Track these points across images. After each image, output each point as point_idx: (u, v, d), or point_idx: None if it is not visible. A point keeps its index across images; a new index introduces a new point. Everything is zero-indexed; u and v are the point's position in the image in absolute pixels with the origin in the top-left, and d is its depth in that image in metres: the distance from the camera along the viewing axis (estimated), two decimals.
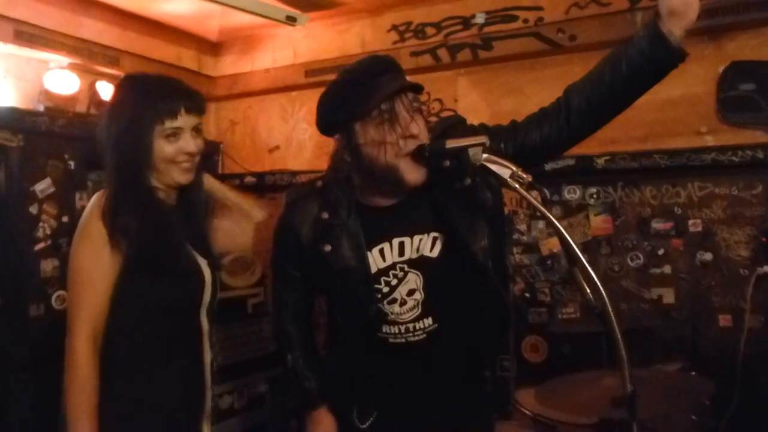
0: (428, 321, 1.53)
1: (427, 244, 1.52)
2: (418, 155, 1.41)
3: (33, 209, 3.03)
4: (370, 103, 1.41)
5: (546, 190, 3.17)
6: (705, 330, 2.94)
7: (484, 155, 1.26)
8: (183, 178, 1.62)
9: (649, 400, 1.88)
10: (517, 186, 1.20)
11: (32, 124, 3.02)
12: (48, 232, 3.08)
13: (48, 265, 3.07)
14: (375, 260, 1.52)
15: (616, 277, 3.15)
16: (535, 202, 1.15)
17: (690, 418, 2.08)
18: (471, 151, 1.26)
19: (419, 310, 1.53)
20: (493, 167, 1.23)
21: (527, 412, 2.48)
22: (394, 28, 3.58)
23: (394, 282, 1.52)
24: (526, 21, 3.26)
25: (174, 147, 1.59)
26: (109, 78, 3.45)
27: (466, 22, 3.41)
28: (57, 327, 2.99)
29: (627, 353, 1.31)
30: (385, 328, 1.54)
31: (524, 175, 1.20)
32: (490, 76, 3.44)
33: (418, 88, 1.49)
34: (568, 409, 2.09)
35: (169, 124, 1.57)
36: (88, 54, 3.30)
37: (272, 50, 3.97)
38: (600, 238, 3.21)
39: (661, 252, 3.08)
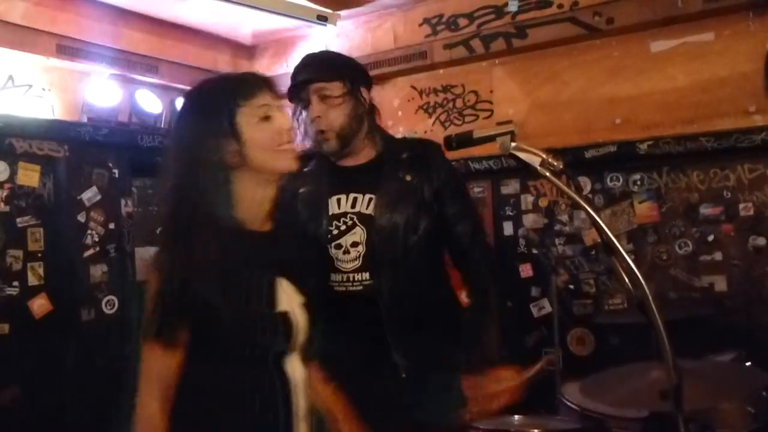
0: (366, 275, 1.75)
1: (365, 202, 1.80)
2: (445, 144, 1.40)
3: (81, 217, 3.13)
4: None
5: (578, 178, 3.09)
6: (760, 318, 2.83)
7: (513, 144, 1.24)
8: (292, 163, 1.34)
9: (700, 391, 1.81)
10: (547, 174, 1.17)
11: (76, 134, 3.11)
12: (96, 239, 3.17)
13: (97, 271, 3.17)
14: (332, 206, 1.81)
15: (664, 266, 3.06)
16: (566, 189, 1.12)
17: (746, 410, 1.99)
18: (499, 140, 1.25)
19: (359, 263, 1.76)
20: (522, 156, 1.20)
21: (573, 406, 2.42)
22: (426, 21, 3.55)
23: (343, 228, 1.78)
24: (560, 6, 3.19)
25: (269, 129, 1.31)
26: (149, 86, 3.54)
27: (499, 11, 3.35)
28: (109, 331, 3.15)
29: (676, 344, 1.27)
30: (333, 276, 1.77)
31: (555, 162, 1.18)
32: (526, 65, 3.38)
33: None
34: (616, 403, 2.03)
35: (256, 102, 1.30)
36: (127, 64, 3.38)
37: (305, 51, 3.95)
38: (646, 226, 3.12)
39: (710, 238, 2.97)
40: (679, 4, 2.87)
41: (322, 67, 1.87)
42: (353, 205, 1.81)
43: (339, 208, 1.82)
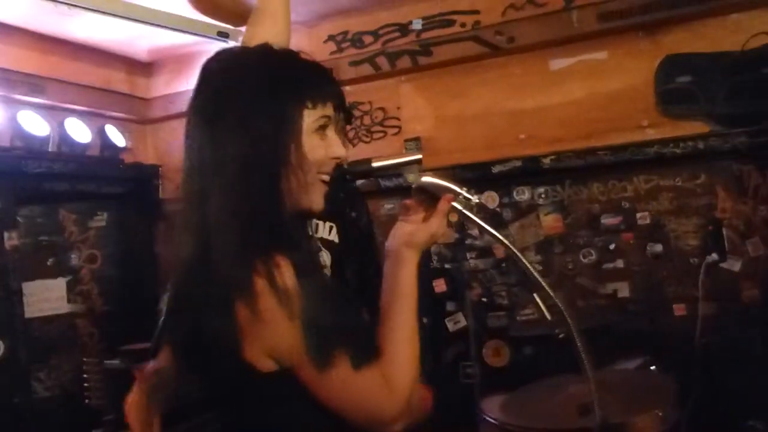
0: None
1: (327, 229, 1.82)
2: (337, 180, 1.21)
3: None
4: None
5: (487, 192, 3.18)
6: (661, 321, 2.97)
7: (424, 177, 1.17)
8: (321, 201, 1.11)
9: (614, 403, 1.86)
10: (460, 207, 1.14)
11: None
12: None
13: None
14: None
15: (570, 275, 3.16)
16: (483, 225, 1.10)
17: (655, 413, 2.07)
18: (406, 172, 1.17)
19: None
20: (432, 188, 1.15)
21: (493, 420, 2.44)
22: (331, 38, 3.51)
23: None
24: (463, 25, 3.24)
25: (324, 146, 1.08)
26: (34, 107, 3.27)
27: (403, 29, 3.36)
28: None
29: (589, 358, 1.29)
30: None
31: (470, 197, 1.14)
32: (433, 82, 3.41)
33: None
34: (535, 419, 2.06)
35: (321, 110, 1.06)
36: (7, 83, 3.10)
37: None
38: (552, 238, 3.21)
39: (612, 247, 3.10)
40: (575, 23, 2.99)
41: None
42: (316, 230, 1.84)
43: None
